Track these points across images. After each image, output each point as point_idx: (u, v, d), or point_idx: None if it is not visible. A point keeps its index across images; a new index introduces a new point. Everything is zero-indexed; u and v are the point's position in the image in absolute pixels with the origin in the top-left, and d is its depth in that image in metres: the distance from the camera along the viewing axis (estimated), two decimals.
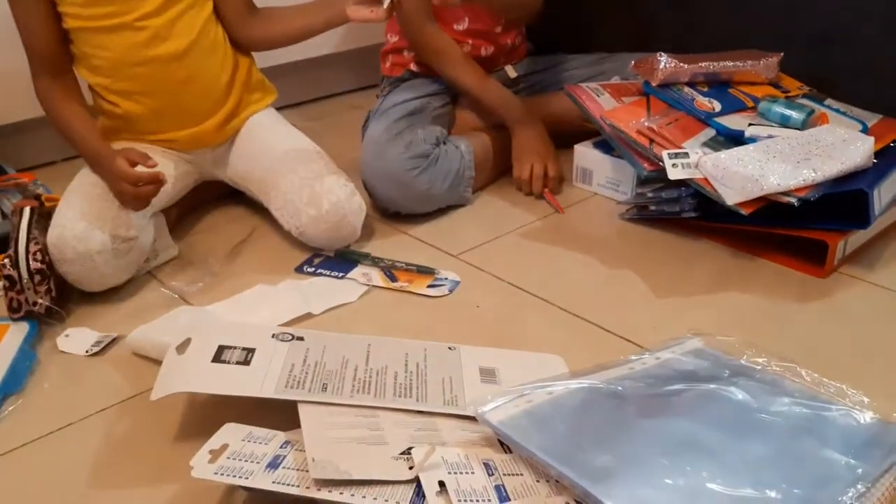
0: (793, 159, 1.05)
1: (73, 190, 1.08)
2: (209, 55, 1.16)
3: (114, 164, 1.03)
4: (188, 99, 1.16)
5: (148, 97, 1.14)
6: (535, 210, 1.29)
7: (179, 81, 1.14)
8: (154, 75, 1.13)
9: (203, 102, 1.18)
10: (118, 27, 1.09)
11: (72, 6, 1.08)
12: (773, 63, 1.27)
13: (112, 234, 1.02)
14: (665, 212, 1.16)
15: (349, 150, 1.36)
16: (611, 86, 1.30)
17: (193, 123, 1.19)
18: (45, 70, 1.12)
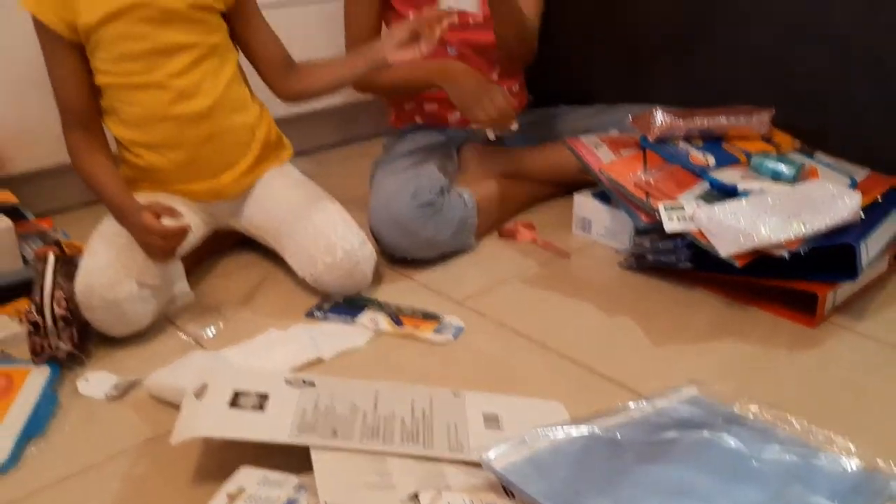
0: (784, 213, 1.10)
1: (99, 238, 1.13)
2: (232, 113, 1.21)
3: (141, 218, 1.08)
4: (209, 154, 1.21)
5: (171, 151, 1.19)
6: (536, 257, 1.33)
7: (202, 137, 1.19)
8: (178, 131, 1.18)
9: (224, 158, 1.23)
10: (146, 85, 1.15)
11: (103, 62, 1.14)
12: (765, 119, 1.32)
13: (138, 282, 1.07)
14: (662, 262, 1.20)
15: (358, 196, 1.41)
16: (609, 139, 1.36)
17: (213, 177, 1.23)
18: (77, 123, 1.17)
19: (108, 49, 1.12)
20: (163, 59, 1.14)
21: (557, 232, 1.41)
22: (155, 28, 1.12)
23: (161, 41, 1.13)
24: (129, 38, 1.12)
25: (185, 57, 1.15)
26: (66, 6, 1.09)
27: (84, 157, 1.16)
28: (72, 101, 1.15)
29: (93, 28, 1.10)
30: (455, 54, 1.47)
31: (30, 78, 1.38)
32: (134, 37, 1.12)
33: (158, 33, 1.13)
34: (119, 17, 1.11)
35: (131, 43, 1.12)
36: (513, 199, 1.47)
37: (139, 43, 1.12)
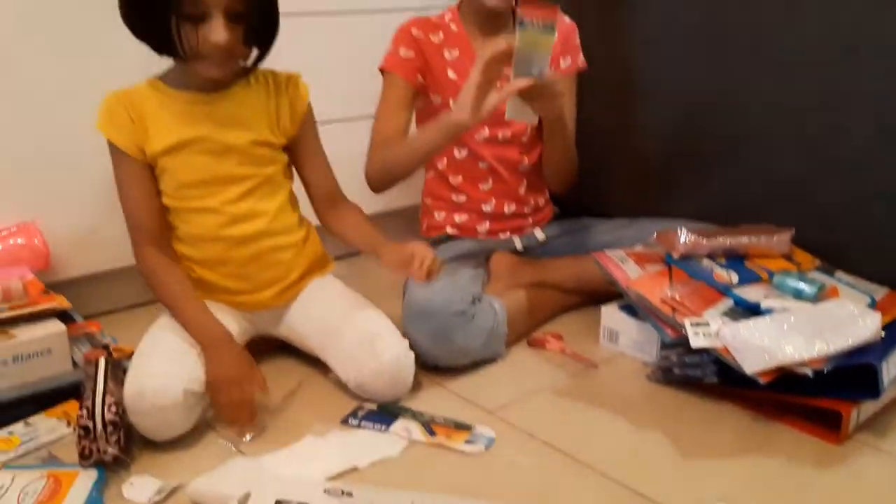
0: (806, 332, 1.14)
1: (150, 344, 1.18)
2: (280, 236, 1.29)
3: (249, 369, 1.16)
4: (255, 271, 1.28)
5: (222, 266, 1.27)
6: (565, 367, 1.37)
7: (251, 257, 1.27)
8: (227, 250, 1.25)
9: (269, 275, 1.30)
10: (202, 209, 1.23)
11: (167, 186, 1.23)
12: (786, 238, 1.38)
13: (186, 390, 1.11)
14: (689, 376, 1.24)
15: (391, 303, 1.45)
16: (635, 253, 1.41)
17: (257, 291, 1.30)
18: (148, 240, 1.23)
19: (171, 175, 1.21)
20: (219, 188, 1.22)
21: (585, 342, 1.45)
22: (214, 160, 1.21)
23: (219, 172, 1.22)
24: (190, 168, 1.21)
25: (241, 186, 1.23)
26: (139, 132, 1.19)
27: (162, 279, 1.23)
28: (143, 220, 1.23)
29: (159, 155, 1.20)
30: (486, 167, 1.55)
31: (84, 186, 1.47)
32: (195, 166, 1.21)
33: (217, 165, 1.21)
34: (182, 148, 1.20)
35: (192, 172, 1.21)
36: (541, 308, 1.52)
37: (199, 173, 1.21)
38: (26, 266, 1.37)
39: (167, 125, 1.20)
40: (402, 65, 1.49)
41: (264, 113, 1.25)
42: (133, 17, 1.13)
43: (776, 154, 1.51)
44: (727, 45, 1.55)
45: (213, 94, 1.22)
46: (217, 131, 1.21)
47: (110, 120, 1.19)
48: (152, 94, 1.21)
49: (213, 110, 1.21)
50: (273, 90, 1.26)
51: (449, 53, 1.51)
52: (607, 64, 1.66)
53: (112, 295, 1.60)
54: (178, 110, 1.20)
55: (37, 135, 1.41)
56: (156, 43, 1.14)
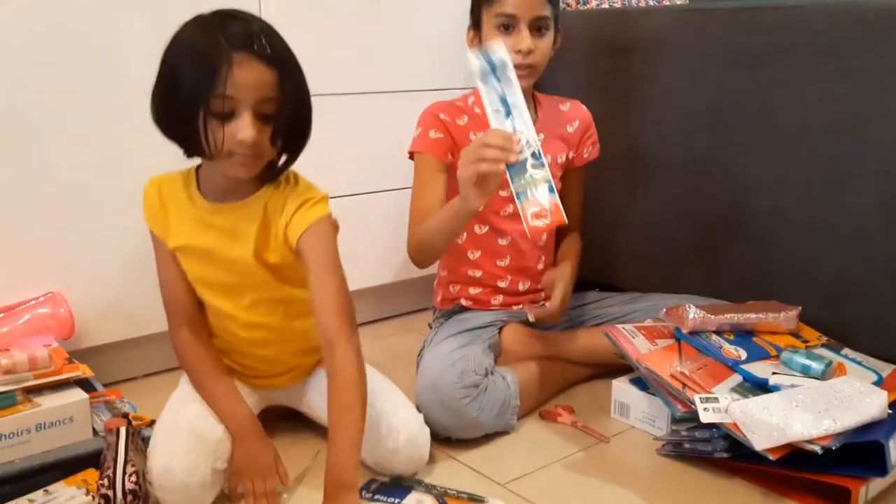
0: (814, 409, 1.16)
1: (174, 415, 1.20)
2: (294, 339, 1.30)
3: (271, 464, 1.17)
4: (270, 365, 1.32)
5: (239, 356, 1.31)
6: (576, 440, 1.38)
7: (264, 356, 1.30)
8: (244, 347, 1.29)
9: (284, 367, 1.34)
10: (218, 309, 1.25)
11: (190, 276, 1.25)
12: (793, 315, 1.41)
13: (212, 468, 1.13)
14: (699, 450, 1.25)
15: (404, 372, 1.48)
16: (645, 328, 1.44)
17: (274, 378, 1.34)
18: (183, 321, 1.25)
19: (189, 270, 1.24)
20: (229, 294, 1.23)
21: (596, 415, 1.46)
22: (222, 270, 1.21)
23: (226, 281, 1.22)
24: (200, 271, 1.23)
25: (247, 297, 1.23)
26: (164, 220, 1.22)
27: (190, 356, 1.25)
28: (176, 301, 1.25)
29: (174, 250, 1.23)
30: (506, 243, 1.59)
31: (108, 259, 1.52)
32: (204, 271, 1.23)
33: (225, 274, 1.21)
34: (192, 251, 1.22)
35: (202, 275, 1.23)
36: (552, 380, 1.54)
37: (208, 277, 1.23)
38: (51, 335, 1.41)
39: (181, 225, 1.21)
40: (433, 145, 1.53)
41: (273, 228, 1.18)
42: (163, 116, 1.10)
43: (781, 231, 1.55)
44: (731, 124, 1.60)
45: (228, 205, 1.19)
46: (222, 244, 1.19)
47: (146, 203, 1.23)
48: (182, 188, 1.21)
49: (222, 222, 1.19)
50: (285, 201, 1.17)
51: (474, 136, 1.54)
52: (615, 142, 1.72)
53: (130, 363, 1.63)
54: (192, 214, 1.20)
55: (65, 209, 1.46)
56: (184, 142, 1.11)
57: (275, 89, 1.07)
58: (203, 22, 1.08)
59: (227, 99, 1.04)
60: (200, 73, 1.03)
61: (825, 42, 1.45)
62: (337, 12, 1.73)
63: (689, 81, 1.66)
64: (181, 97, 1.05)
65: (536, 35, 1.47)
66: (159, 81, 1.09)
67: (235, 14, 1.09)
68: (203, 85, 1.03)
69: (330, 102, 1.69)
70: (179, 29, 1.09)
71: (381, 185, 1.82)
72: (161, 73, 1.09)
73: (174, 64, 1.07)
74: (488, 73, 1.25)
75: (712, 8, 1.64)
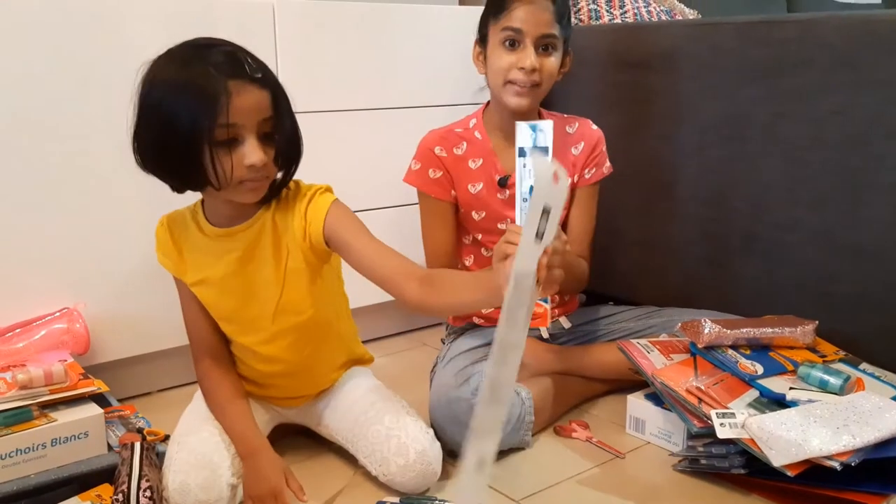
0: (832, 424, 1.15)
1: (187, 434, 1.20)
2: (320, 352, 1.32)
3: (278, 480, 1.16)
4: (293, 386, 1.34)
5: (258, 384, 1.33)
6: (591, 456, 1.37)
7: (282, 385, 1.32)
8: (265, 378, 1.31)
9: (303, 392, 1.35)
10: (238, 344, 1.28)
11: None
12: (810, 330, 1.39)
13: (228, 483, 1.13)
14: (716, 466, 1.24)
15: (417, 387, 1.48)
16: (660, 343, 1.43)
17: (293, 399, 1.36)
18: (205, 352, 1.28)
19: (209, 304, 1.26)
20: (247, 328, 1.25)
21: (611, 430, 1.45)
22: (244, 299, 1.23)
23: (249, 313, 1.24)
24: (218, 304, 1.25)
25: (267, 331, 1.24)
26: (179, 259, 1.24)
27: (210, 384, 1.27)
28: (198, 335, 1.28)
29: (192, 286, 1.25)
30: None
31: (123, 275, 1.53)
32: (221, 304, 1.25)
33: (246, 303, 1.23)
34: (210, 284, 1.23)
35: (225, 306, 1.25)
36: (567, 396, 1.53)
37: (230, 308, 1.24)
38: (67, 350, 1.42)
39: (198, 258, 1.22)
40: (435, 186, 1.53)
41: (288, 234, 1.20)
42: (159, 157, 1.09)
43: (797, 244, 1.54)
44: (744, 138, 1.60)
45: (236, 228, 1.20)
46: (242, 265, 1.20)
47: (159, 246, 1.25)
48: (191, 221, 1.22)
49: (236, 245, 1.20)
50: (290, 209, 1.20)
51: (473, 163, 1.54)
52: (628, 157, 1.71)
53: (145, 378, 1.64)
54: (205, 246, 1.21)
55: (81, 226, 1.47)
56: (186, 178, 1.11)
57: (270, 108, 1.08)
58: (181, 57, 1.07)
59: (231, 127, 1.04)
60: (200, 107, 1.02)
61: (839, 55, 1.44)
62: (347, 29, 1.74)
63: (703, 95, 1.66)
64: (181, 135, 1.04)
65: (542, 54, 1.46)
66: (147, 124, 1.07)
67: (209, 42, 1.09)
68: (204, 118, 1.02)
69: (336, 119, 1.70)
70: (153, 69, 1.07)
71: (388, 201, 1.83)
72: (147, 115, 1.07)
73: (164, 103, 1.05)
74: (528, 152, 1.26)
75: (725, 22, 1.64)
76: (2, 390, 1.21)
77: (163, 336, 1.58)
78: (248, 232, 1.19)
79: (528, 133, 1.27)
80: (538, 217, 0.86)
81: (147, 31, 1.47)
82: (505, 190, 1.52)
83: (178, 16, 1.49)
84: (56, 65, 1.40)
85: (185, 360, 1.64)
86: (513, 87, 1.45)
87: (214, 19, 1.21)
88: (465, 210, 1.56)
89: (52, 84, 1.41)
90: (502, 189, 1.52)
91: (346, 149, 1.59)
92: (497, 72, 1.47)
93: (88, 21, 1.42)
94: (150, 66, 1.08)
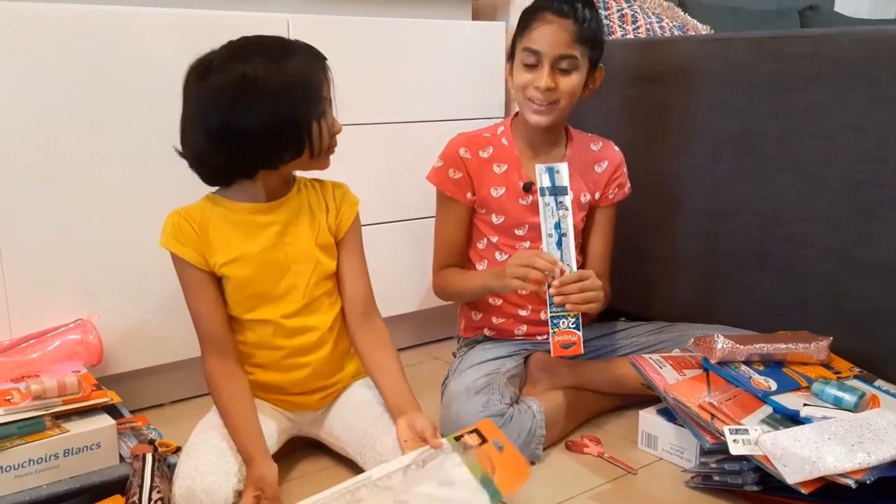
0: (847, 442, 1.14)
1: (200, 441, 1.21)
2: (334, 345, 1.35)
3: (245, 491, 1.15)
4: (307, 379, 1.34)
5: (274, 372, 1.32)
6: (603, 471, 1.37)
7: (303, 364, 1.32)
8: (283, 359, 1.31)
9: (319, 383, 1.36)
10: (262, 321, 1.29)
11: (230, 296, 1.28)
12: (824, 346, 1.39)
13: (233, 489, 1.13)
14: (728, 483, 1.23)
15: (429, 400, 1.47)
16: (672, 358, 1.43)
17: (307, 394, 1.36)
18: (214, 350, 1.28)
19: (234, 284, 1.27)
20: (278, 301, 1.29)
21: (623, 446, 1.45)
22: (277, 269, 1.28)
23: (280, 285, 1.28)
24: (257, 277, 1.27)
25: (299, 301, 1.30)
26: (203, 244, 1.25)
27: (217, 385, 1.27)
28: (209, 329, 1.28)
29: (223, 265, 1.25)
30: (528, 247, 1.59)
31: (137, 286, 1.53)
32: (256, 276, 1.27)
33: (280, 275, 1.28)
34: (246, 258, 1.26)
35: (258, 280, 1.27)
36: (578, 410, 1.52)
37: (263, 282, 1.27)
38: (81, 361, 1.42)
39: (229, 236, 1.25)
40: (453, 186, 1.56)
41: (321, 215, 1.32)
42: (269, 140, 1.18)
43: (810, 260, 1.53)
44: (757, 152, 1.59)
45: (272, 203, 1.28)
46: (279, 238, 1.27)
47: (175, 235, 1.24)
48: (213, 208, 1.27)
49: (275, 219, 1.27)
50: (321, 195, 1.34)
51: (498, 167, 1.57)
52: (641, 171, 1.71)
53: (157, 390, 1.65)
54: (240, 221, 1.26)
55: (95, 237, 1.48)
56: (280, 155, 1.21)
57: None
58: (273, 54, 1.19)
59: (323, 99, 1.22)
60: (309, 91, 1.19)
61: (853, 71, 1.44)
62: (361, 43, 1.75)
63: (716, 110, 1.66)
64: (289, 121, 1.18)
65: (561, 73, 1.47)
66: (250, 115, 1.16)
67: (274, 37, 1.23)
68: (314, 98, 1.20)
69: (355, 132, 1.71)
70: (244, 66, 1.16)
71: (406, 213, 1.84)
72: (250, 107, 1.15)
73: (272, 95, 1.15)
74: (548, 192, 1.42)
75: (738, 37, 1.64)
76: (15, 400, 1.21)
77: (175, 348, 1.59)
78: (283, 208, 1.28)
79: (546, 175, 1.42)
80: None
81: (165, 43, 1.49)
82: (528, 195, 1.55)
83: (195, 28, 1.51)
84: (74, 76, 1.42)
85: (197, 372, 1.63)
86: (531, 105, 1.49)
87: (231, 31, 1.24)
88: (485, 211, 1.58)
89: (69, 95, 1.42)
90: (525, 194, 1.55)
91: (358, 162, 1.60)
92: (517, 89, 1.52)
93: (107, 33, 1.44)
94: (219, 70, 1.17)
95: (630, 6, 2.20)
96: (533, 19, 1.48)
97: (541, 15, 1.47)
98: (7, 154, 1.38)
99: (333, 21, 1.71)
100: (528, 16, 1.50)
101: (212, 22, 1.53)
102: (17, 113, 1.38)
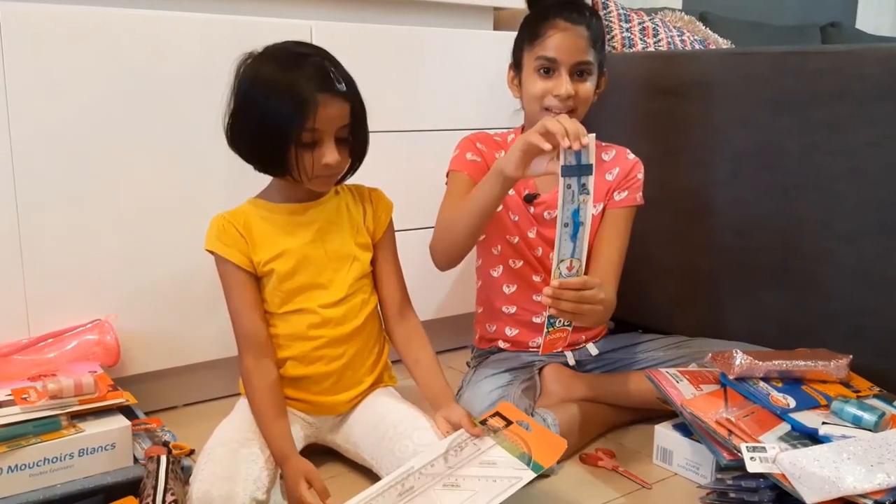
0: (867, 462, 1.12)
1: (218, 446, 1.21)
2: (365, 341, 1.38)
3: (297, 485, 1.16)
4: (337, 372, 1.35)
5: (306, 366, 1.34)
6: (617, 485, 1.36)
7: (334, 357, 1.34)
8: (316, 350, 1.33)
9: (347, 378, 1.37)
10: (300, 311, 1.32)
11: (270, 291, 1.31)
12: (843, 364, 1.37)
13: (251, 497, 1.13)
14: (745, 500, 1.22)
15: None
16: (689, 372, 1.42)
17: (336, 393, 1.37)
18: (251, 348, 1.30)
19: (276, 279, 1.30)
20: (319, 291, 1.33)
21: (637, 460, 1.44)
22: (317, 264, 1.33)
23: (320, 278, 1.33)
24: (294, 273, 1.31)
25: (337, 292, 1.34)
26: (248, 244, 1.29)
27: (256, 384, 1.28)
28: (248, 328, 1.30)
29: (266, 262, 1.30)
30: (541, 280, 1.58)
31: (155, 288, 1.54)
32: (298, 272, 1.31)
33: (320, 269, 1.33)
34: (288, 255, 1.30)
35: (302, 272, 1.31)
36: (593, 423, 1.52)
37: (302, 277, 1.32)
38: (97, 361, 1.43)
39: (272, 235, 1.31)
40: (470, 165, 1.54)
41: (359, 216, 1.38)
42: (248, 144, 1.26)
43: (830, 277, 1.52)
44: (777, 168, 1.58)
45: (310, 204, 1.34)
46: (319, 236, 1.33)
47: (220, 237, 1.29)
48: (255, 210, 1.33)
49: (314, 218, 1.33)
50: (358, 199, 1.40)
51: None
52: (660, 184, 1.71)
53: (172, 392, 1.65)
54: (281, 221, 1.32)
55: (114, 239, 1.49)
56: (270, 167, 1.28)
57: (349, 117, 1.24)
58: (280, 61, 1.22)
59: (315, 132, 1.21)
60: (292, 113, 1.18)
61: (875, 86, 1.43)
62: (384, 51, 1.76)
63: (736, 124, 1.65)
64: (271, 132, 1.21)
65: (578, 80, 1.47)
66: (244, 115, 1.24)
67: (304, 50, 1.24)
68: (295, 122, 1.19)
69: (374, 140, 1.70)
70: (254, 66, 1.23)
71: (422, 222, 1.83)
72: (244, 107, 1.24)
73: (261, 101, 1.20)
74: (573, 173, 1.18)
75: (759, 52, 1.64)
76: (32, 399, 1.22)
77: (192, 351, 1.59)
78: (322, 208, 1.35)
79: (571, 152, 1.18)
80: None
81: (190, 48, 1.50)
82: (530, 206, 1.55)
83: (220, 35, 1.52)
84: (98, 81, 1.43)
85: (213, 375, 1.66)
86: (549, 114, 1.46)
87: (256, 38, 1.25)
88: (502, 209, 1.56)
89: (93, 99, 1.43)
90: (528, 205, 1.55)
91: (376, 170, 1.59)
92: (532, 98, 1.48)
93: (133, 38, 1.45)
94: (252, 62, 1.24)
95: (651, 19, 2.20)
96: (545, 27, 1.46)
97: (553, 22, 1.46)
98: (29, 154, 1.39)
99: (356, 28, 1.72)
100: (537, 23, 1.48)
101: (238, 28, 1.54)
102: (44, 115, 1.39)
